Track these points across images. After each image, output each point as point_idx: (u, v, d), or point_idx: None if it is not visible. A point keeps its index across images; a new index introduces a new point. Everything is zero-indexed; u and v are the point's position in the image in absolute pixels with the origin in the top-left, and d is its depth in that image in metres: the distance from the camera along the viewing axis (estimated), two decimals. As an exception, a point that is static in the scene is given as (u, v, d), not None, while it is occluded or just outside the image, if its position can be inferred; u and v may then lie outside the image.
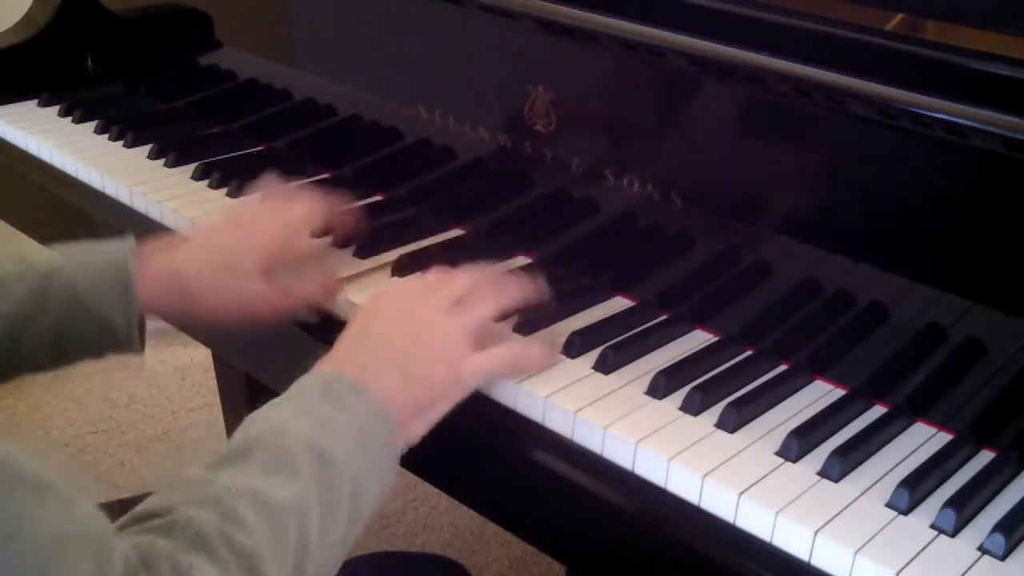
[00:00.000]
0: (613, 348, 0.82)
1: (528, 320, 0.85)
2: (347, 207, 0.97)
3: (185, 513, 0.57)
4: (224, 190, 1.09)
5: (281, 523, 0.60)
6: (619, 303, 0.91)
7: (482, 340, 0.77)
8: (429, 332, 0.75)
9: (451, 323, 0.76)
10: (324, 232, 0.96)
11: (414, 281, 0.80)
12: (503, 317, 0.81)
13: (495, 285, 0.81)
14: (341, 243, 0.97)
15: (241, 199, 1.02)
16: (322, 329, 0.90)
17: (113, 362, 0.85)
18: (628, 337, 0.84)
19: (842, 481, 0.71)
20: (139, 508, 0.59)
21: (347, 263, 0.95)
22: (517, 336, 0.83)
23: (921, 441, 0.75)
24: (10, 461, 0.49)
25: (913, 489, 0.68)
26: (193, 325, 0.88)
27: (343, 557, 0.66)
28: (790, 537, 0.67)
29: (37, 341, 0.80)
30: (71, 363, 0.83)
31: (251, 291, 0.85)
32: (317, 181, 1.11)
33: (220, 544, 0.56)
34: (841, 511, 0.68)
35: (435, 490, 1.62)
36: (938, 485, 0.71)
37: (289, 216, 0.89)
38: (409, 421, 0.73)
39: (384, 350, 0.74)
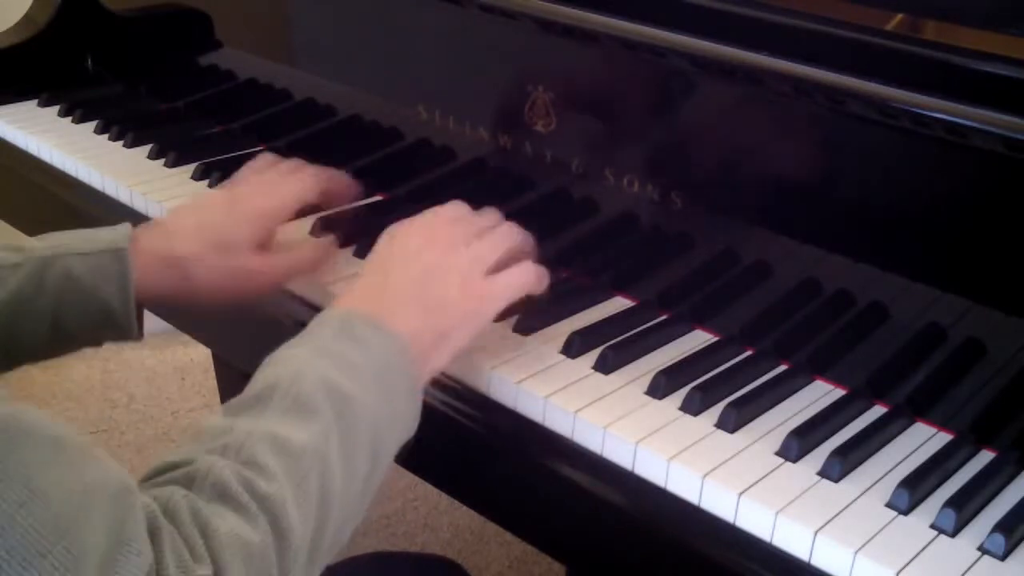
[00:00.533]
0: (613, 348, 0.82)
1: (527, 318, 0.85)
2: (340, 179, 0.97)
3: (205, 463, 0.57)
4: (224, 190, 1.09)
5: (302, 466, 0.59)
6: (619, 303, 0.91)
7: (498, 270, 0.78)
8: (446, 260, 0.76)
9: (469, 251, 0.77)
10: (318, 206, 0.96)
11: (432, 212, 0.80)
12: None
13: (512, 227, 0.82)
14: (341, 242, 0.97)
15: (234, 175, 1.01)
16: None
17: (113, 362, 0.85)
18: (628, 337, 0.84)
19: (842, 481, 0.71)
20: (160, 462, 0.59)
21: (347, 263, 0.95)
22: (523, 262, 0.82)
23: (921, 441, 0.75)
24: (23, 419, 0.49)
25: (913, 489, 0.68)
26: (189, 304, 0.88)
27: (368, 498, 0.66)
28: (790, 537, 0.67)
29: (35, 326, 0.80)
30: (70, 349, 0.83)
31: (245, 265, 0.85)
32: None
33: (241, 491, 0.56)
34: (841, 511, 0.68)
35: (435, 490, 1.63)
36: (938, 485, 0.71)
37: (281, 186, 0.90)
38: (430, 352, 0.72)
39: (401, 282, 0.74)
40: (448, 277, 0.75)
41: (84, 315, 0.81)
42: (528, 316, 0.85)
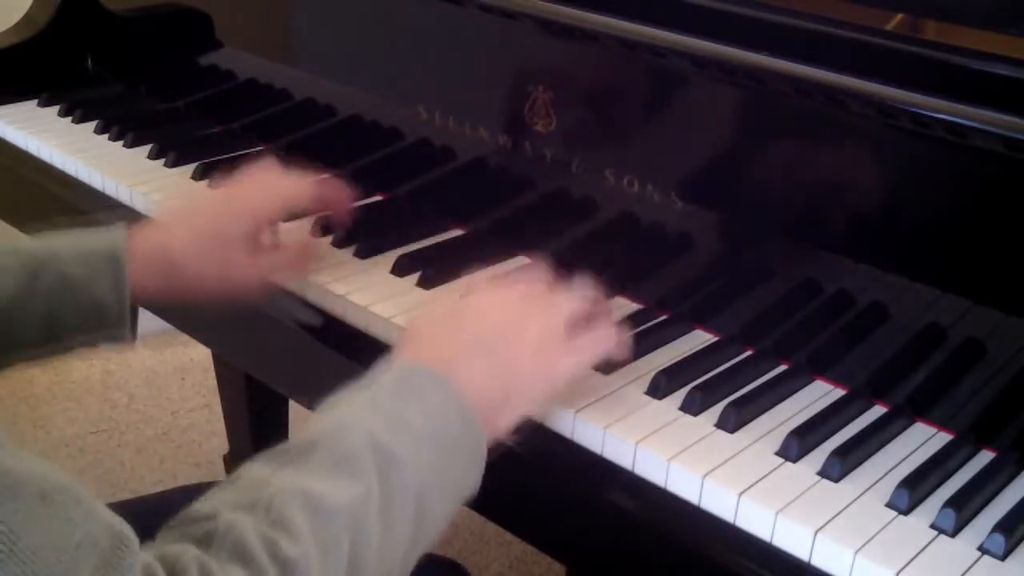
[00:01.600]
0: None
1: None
2: (339, 187, 0.97)
3: (228, 519, 0.54)
4: (224, 190, 1.09)
5: (334, 528, 0.56)
6: (619, 304, 0.91)
7: (573, 333, 0.74)
8: (522, 326, 0.72)
9: (544, 317, 0.73)
10: (315, 211, 0.97)
11: (512, 279, 0.77)
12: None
13: (588, 289, 0.77)
14: (341, 242, 0.97)
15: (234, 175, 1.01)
16: (323, 330, 0.90)
17: (113, 362, 0.85)
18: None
19: (842, 481, 0.71)
20: (187, 511, 0.56)
21: (347, 263, 0.95)
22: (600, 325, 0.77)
23: (921, 441, 0.75)
24: (11, 470, 0.47)
25: (913, 489, 0.68)
26: (181, 301, 0.88)
27: (411, 565, 0.63)
28: (790, 537, 0.67)
29: (29, 326, 0.80)
30: (64, 350, 0.82)
31: (235, 260, 0.85)
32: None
33: (261, 552, 0.53)
34: (841, 511, 0.68)
35: (435, 490, 1.62)
36: (938, 485, 0.71)
37: (274, 187, 0.90)
38: (496, 416, 0.69)
39: (472, 338, 0.70)
40: (521, 339, 0.71)
41: (77, 318, 0.80)
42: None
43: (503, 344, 0.70)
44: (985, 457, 0.74)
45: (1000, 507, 0.69)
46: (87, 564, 0.47)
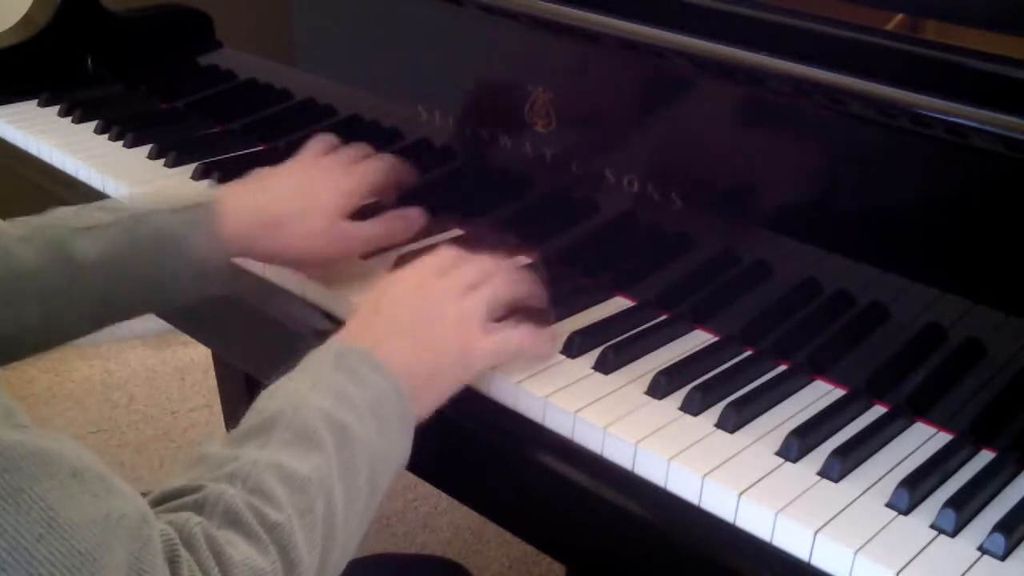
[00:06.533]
0: (613, 348, 0.82)
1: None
2: (401, 166, 0.98)
3: (214, 490, 0.57)
4: (224, 190, 1.09)
5: (308, 496, 0.60)
6: (619, 303, 0.91)
7: (492, 321, 0.78)
8: (441, 306, 0.76)
9: (464, 301, 0.77)
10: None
11: (427, 260, 0.80)
12: (509, 309, 0.81)
13: (508, 271, 0.82)
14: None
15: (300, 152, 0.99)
16: (324, 332, 0.90)
17: (113, 362, 0.86)
18: (628, 337, 0.84)
19: (842, 481, 0.71)
20: (166, 488, 0.58)
21: (347, 263, 0.95)
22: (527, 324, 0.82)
23: (921, 441, 0.75)
24: (43, 449, 0.48)
25: (913, 489, 0.68)
26: (274, 259, 0.91)
27: (364, 528, 0.67)
28: (790, 537, 0.67)
29: (132, 281, 0.82)
30: (163, 305, 0.87)
31: (334, 228, 0.88)
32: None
33: (252, 519, 0.56)
34: (841, 511, 0.68)
35: (435, 490, 1.63)
36: (938, 485, 0.71)
37: (358, 168, 0.93)
38: (422, 392, 0.73)
39: (396, 321, 0.75)
40: (444, 320, 0.75)
41: (176, 267, 0.83)
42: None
43: (424, 325, 0.75)
44: (985, 457, 0.74)
45: (1000, 507, 0.69)
46: (119, 536, 0.49)
